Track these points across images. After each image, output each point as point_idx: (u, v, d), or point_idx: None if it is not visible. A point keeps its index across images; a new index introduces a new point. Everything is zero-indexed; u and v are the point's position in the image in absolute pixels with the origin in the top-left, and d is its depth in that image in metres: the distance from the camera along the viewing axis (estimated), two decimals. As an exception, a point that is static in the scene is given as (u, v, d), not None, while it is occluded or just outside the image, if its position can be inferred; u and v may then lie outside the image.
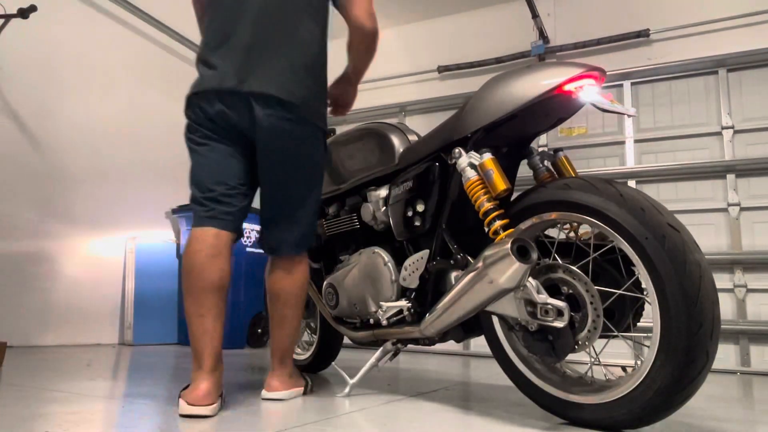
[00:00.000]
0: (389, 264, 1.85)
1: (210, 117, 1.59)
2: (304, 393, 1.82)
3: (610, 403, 1.29)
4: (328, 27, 1.75)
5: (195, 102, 1.61)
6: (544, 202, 1.43)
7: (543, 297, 1.36)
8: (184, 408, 1.42)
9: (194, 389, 1.45)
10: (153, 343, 3.71)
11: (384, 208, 1.93)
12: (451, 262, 1.64)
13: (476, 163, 1.52)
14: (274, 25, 1.61)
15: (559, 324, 1.34)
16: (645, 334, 3.22)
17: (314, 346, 2.40)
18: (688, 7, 3.65)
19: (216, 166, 1.61)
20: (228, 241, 1.59)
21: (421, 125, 4.42)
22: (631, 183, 3.60)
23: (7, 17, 2.80)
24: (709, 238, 3.40)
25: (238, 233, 1.65)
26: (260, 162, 1.64)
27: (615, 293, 1.34)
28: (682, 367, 1.17)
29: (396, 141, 1.96)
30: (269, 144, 1.60)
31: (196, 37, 4.29)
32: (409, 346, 2.73)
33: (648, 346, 1.25)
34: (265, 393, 1.72)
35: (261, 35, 1.60)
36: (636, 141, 3.68)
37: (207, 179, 1.61)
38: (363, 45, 1.74)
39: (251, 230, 3.74)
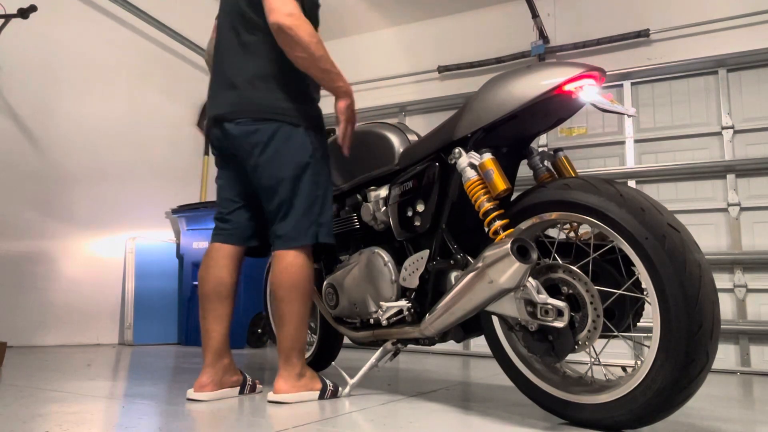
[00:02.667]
0: (389, 264, 1.85)
1: (212, 144, 1.88)
2: (322, 397, 1.74)
3: (610, 403, 1.29)
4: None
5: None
6: (544, 202, 1.43)
7: (543, 297, 1.36)
8: (188, 393, 1.70)
9: (197, 379, 1.72)
10: (153, 343, 3.71)
11: (384, 208, 1.93)
12: (451, 262, 1.64)
13: (476, 163, 1.52)
14: (225, 58, 1.81)
15: (559, 324, 1.34)
16: (645, 334, 3.23)
17: (314, 346, 2.40)
18: (688, 7, 3.65)
19: (219, 188, 1.92)
20: (228, 253, 1.81)
21: (421, 125, 4.42)
22: (631, 183, 3.60)
23: (7, 17, 2.80)
24: (709, 238, 3.40)
25: (246, 244, 1.87)
26: (247, 170, 1.80)
27: (615, 293, 1.34)
28: (682, 367, 1.17)
29: (396, 141, 1.96)
30: (243, 152, 1.75)
31: (195, 37, 4.31)
32: (409, 346, 2.73)
33: (648, 346, 1.25)
34: (269, 395, 1.67)
35: (218, 69, 1.83)
36: (636, 141, 3.68)
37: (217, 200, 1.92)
38: (287, 47, 1.64)
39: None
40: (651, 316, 1.24)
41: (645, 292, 1.30)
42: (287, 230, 1.72)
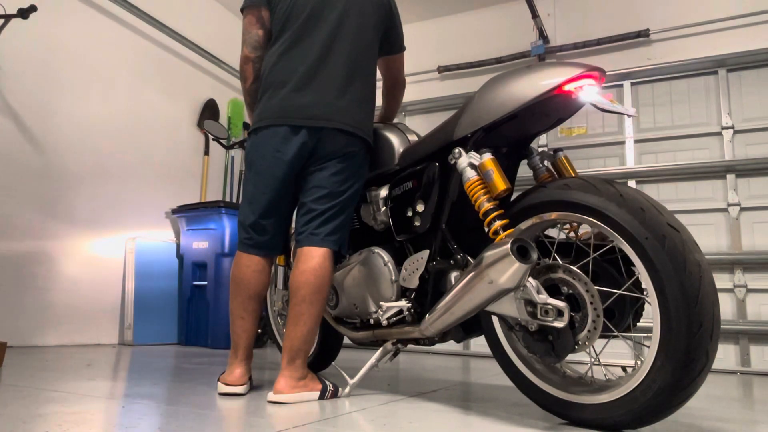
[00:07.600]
0: (389, 264, 1.85)
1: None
2: (322, 398, 1.75)
3: (610, 403, 1.29)
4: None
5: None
6: (544, 202, 1.43)
7: (543, 297, 1.36)
8: (222, 388, 1.76)
9: (230, 373, 1.79)
10: (153, 343, 3.71)
11: (384, 208, 1.93)
12: (451, 262, 1.64)
13: (476, 163, 1.52)
14: (330, 68, 1.88)
15: (559, 324, 1.34)
16: (645, 334, 3.23)
17: (314, 346, 2.40)
18: (688, 7, 3.65)
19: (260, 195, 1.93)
20: (267, 261, 1.90)
21: (421, 125, 4.42)
22: (631, 183, 3.60)
23: (7, 17, 2.80)
24: (709, 238, 3.40)
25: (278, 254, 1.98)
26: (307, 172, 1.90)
27: (615, 293, 1.34)
28: (682, 367, 1.17)
29: (396, 141, 1.96)
30: (328, 155, 1.85)
31: (196, 37, 4.31)
32: (409, 346, 2.73)
33: (648, 346, 1.25)
34: (269, 395, 1.68)
35: (313, 73, 1.87)
36: (636, 141, 3.68)
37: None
38: (401, 96, 2.30)
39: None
40: (651, 316, 1.24)
41: (645, 292, 1.30)
42: (327, 231, 1.79)
